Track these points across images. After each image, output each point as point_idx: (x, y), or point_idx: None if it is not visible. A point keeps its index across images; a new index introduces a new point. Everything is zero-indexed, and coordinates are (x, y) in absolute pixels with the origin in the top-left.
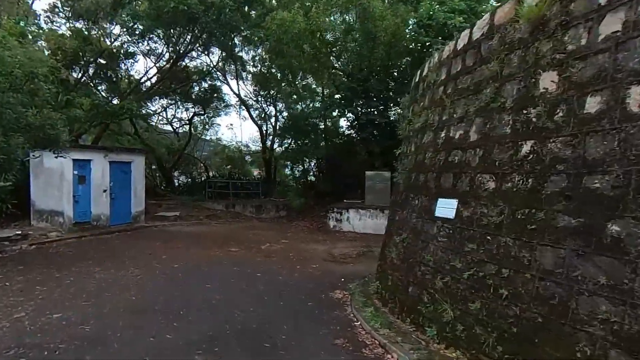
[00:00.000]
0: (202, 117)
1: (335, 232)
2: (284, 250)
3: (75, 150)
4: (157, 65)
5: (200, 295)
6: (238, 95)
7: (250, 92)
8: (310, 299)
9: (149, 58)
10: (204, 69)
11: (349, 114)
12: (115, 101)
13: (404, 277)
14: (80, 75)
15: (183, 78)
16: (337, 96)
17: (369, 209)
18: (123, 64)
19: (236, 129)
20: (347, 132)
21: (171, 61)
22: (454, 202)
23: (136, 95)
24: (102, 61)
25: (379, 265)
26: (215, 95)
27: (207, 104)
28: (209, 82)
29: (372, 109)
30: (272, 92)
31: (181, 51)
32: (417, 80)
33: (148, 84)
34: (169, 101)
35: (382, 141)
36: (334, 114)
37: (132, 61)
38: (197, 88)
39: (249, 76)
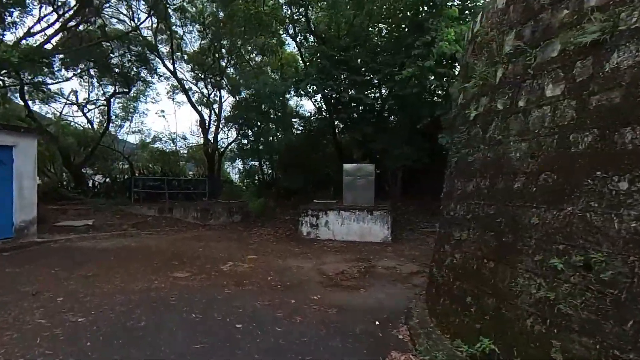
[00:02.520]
0: (125, 99)
1: (312, 241)
2: (257, 272)
3: None
4: (60, 13)
5: None
6: (173, 74)
7: (189, 73)
8: None
9: (50, 7)
10: (130, 32)
11: (321, 93)
12: None
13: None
14: None
15: (97, 39)
16: (303, 80)
17: (353, 211)
18: (7, 14)
19: (169, 117)
20: (314, 116)
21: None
22: None
23: (22, 50)
24: None
25: (475, 308)
26: (143, 67)
27: (132, 81)
28: (135, 49)
29: (356, 87)
30: (220, 66)
31: None
32: None
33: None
34: (80, 70)
35: (364, 127)
36: (304, 91)
37: (22, 11)
38: (118, 58)
39: (185, 56)
